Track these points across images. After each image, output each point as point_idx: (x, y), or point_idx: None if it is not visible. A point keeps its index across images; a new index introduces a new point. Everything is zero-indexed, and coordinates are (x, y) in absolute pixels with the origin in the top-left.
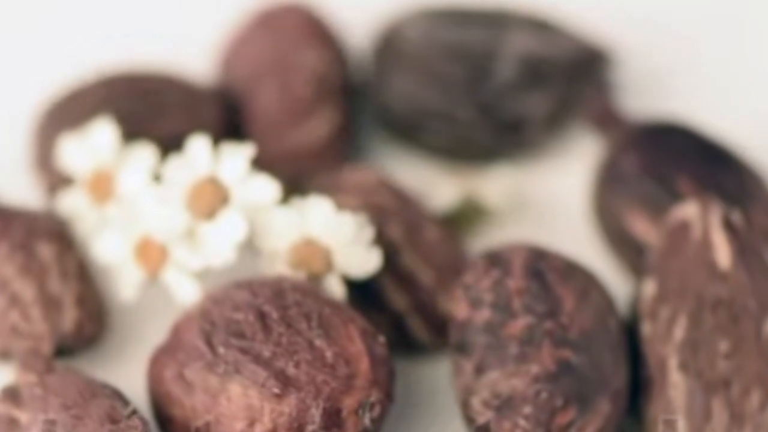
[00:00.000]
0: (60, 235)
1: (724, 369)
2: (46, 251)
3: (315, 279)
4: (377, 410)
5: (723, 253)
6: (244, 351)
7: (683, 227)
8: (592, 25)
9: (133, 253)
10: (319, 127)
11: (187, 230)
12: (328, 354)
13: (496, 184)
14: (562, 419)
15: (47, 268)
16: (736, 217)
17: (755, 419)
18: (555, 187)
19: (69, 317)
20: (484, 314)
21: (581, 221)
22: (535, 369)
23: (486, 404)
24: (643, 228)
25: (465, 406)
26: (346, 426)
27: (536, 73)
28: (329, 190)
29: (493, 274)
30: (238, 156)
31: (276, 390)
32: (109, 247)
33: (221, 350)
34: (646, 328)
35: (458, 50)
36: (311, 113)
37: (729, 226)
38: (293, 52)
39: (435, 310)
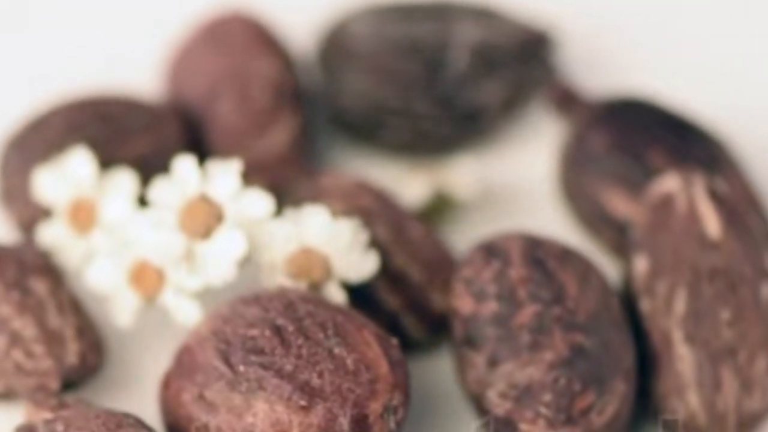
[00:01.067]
0: (49, 268)
1: (728, 337)
2: (40, 287)
3: (315, 287)
4: (400, 412)
5: (712, 222)
6: (265, 367)
7: (667, 201)
8: (531, 8)
9: (128, 279)
10: (280, 136)
11: (184, 252)
12: (349, 361)
13: (461, 176)
14: (582, 403)
15: (44, 303)
16: (720, 185)
17: (763, 384)
18: (520, 172)
19: (72, 350)
20: (490, 307)
21: (550, 205)
22: (549, 356)
23: (504, 396)
24: (621, 205)
25: (480, 400)
26: (374, 431)
27: (488, 61)
28: (311, 197)
29: (494, 266)
30: (227, 172)
31: (303, 402)
32: (101, 275)
33: (241, 368)
34: (645, 305)
35: (410, 45)
36: (272, 122)
37: (714, 196)
38: (246, 63)
39: (428, 308)
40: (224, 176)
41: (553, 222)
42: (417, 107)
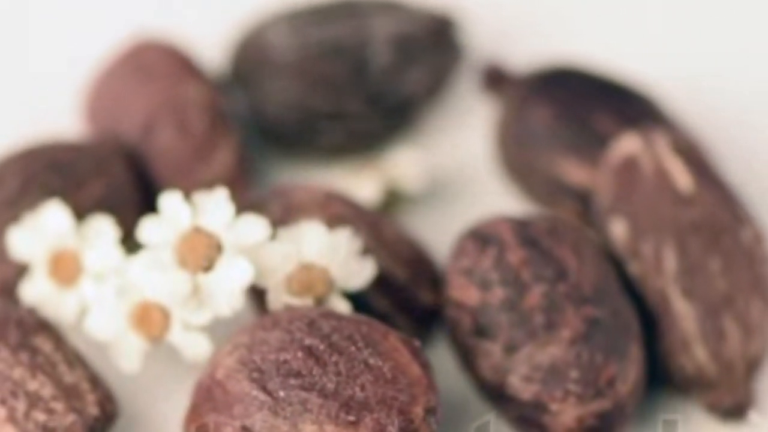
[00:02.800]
0: (48, 325)
1: (723, 286)
2: (45, 344)
3: (319, 302)
4: (438, 412)
5: (682, 177)
6: (306, 388)
7: (630, 162)
8: None
9: (130, 324)
10: (225, 157)
11: (191, 287)
12: (386, 369)
13: (406, 168)
14: (607, 374)
15: (53, 360)
16: (681, 139)
17: (761, 326)
18: (458, 157)
19: (90, 401)
20: (497, 294)
21: (495, 185)
22: (566, 333)
23: (528, 379)
24: (578, 174)
25: (500, 387)
26: None
27: (406, 51)
28: (284, 214)
29: (490, 253)
30: (218, 201)
31: (351, 418)
32: (101, 323)
33: (281, 393)
34: (634, 268)
35: (331, 47)
36: (214, 146)
37: (679, 150)
38: (177, 90)
39: (416, 305)
40: (216, 206)
41: (503, 201)
42: (348, 107)
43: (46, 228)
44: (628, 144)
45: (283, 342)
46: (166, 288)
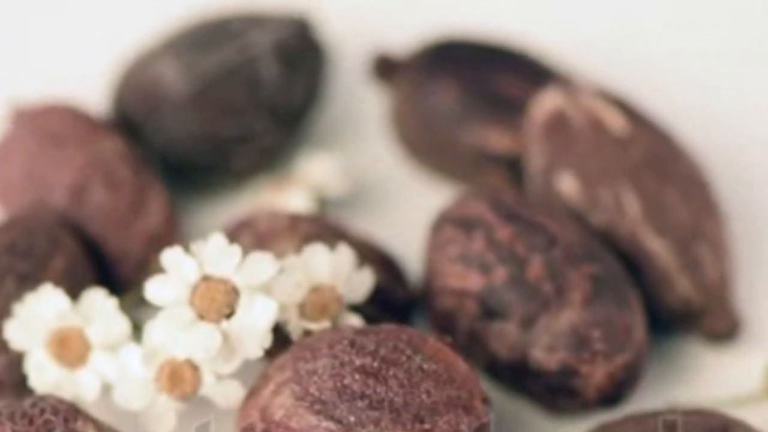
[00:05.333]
0: (79, 409)
1: (686, 215)
2: (88, 429)
3: (334, 322)
4: (490, 401)
5: (615, 120)
6: (375, 407)
7: (558, 117)
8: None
9: (162, 387)
10: (158, 204)
11: (220, 337)
12: (441, 371)
13: (321, 175)
14: (624, 326)
15: None
16: (593, 88)
17: (725, 245)
18: (364, 153)
19: None
20: (500, 273)
21: (408, 173)
22: (576, 295)
23: (551, 349)
24: (500, 141)
25: (521, 363)
26: (486, 428)
27: (288, 59)
28: (257, 243)
29: (478, 235)
30: (219, 247)
31: (426, 426)
32: (131, 393)
33: (352, 419)
34: (597, 218)
35: (224, 72)
36: (145, 195)
37: (604, 96)
38: (93, 148)
39: (394, 304)
40: (218, 251)
41: (423, 188)
42: (254, 127)
43: (43, 313)
44: (550, 100)
45: (333, 368)
46: (195, 344)
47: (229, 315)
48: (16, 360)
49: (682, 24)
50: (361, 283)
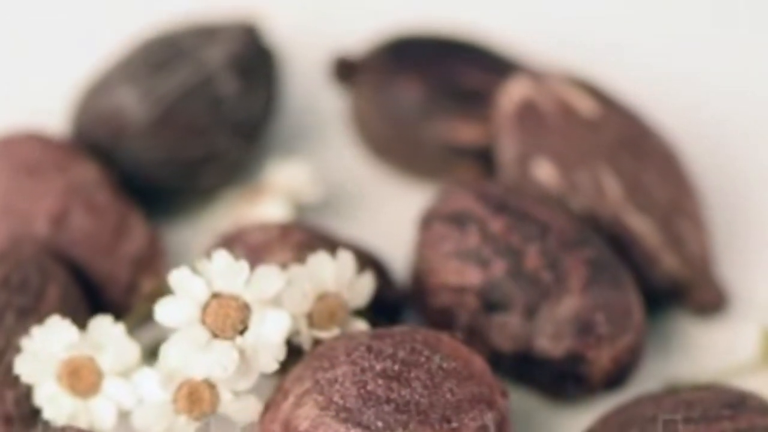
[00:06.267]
0: None
1: (665, 192)
2: None
3: (343, 328)
4: (507, 394)
5: (584, 103)
6: (402, 410)
7: (527, 105)
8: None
9: (181, 408)
10: (141, 228)
11: (237, 352)
12: (460, 368)
13: (292, 182)
14: (624, 308)
15: None
16: (559, 73)
17: (702, 220)
18: (331, 157)
19: None
20: (499, 266)
21: (379, 172)
22: (575, 281)
23: (557, 336)
24: (468, 133)
25: (526, 354)
26: (507, 421)
27: (243, 71)
28: (251, 256)
29: (472, 229)
30: (228, 264)
31: (454, 424)
32: (150, 417)
33: (380, 424)
34: (578, 202)
35: (183, 93)
36: (127, 219)
37: (573, 81)
38: (71, 175)
39: (386, 305)
40: (225, 268)
41: (390, 185)
42: (219, 145)
43: (52, 345)
44: (518, 89)
45: (355, 374)
46: (213, 363)
47: (243, 331)
48: (25, 394)
49: (629, 9)
50: (362, 287)
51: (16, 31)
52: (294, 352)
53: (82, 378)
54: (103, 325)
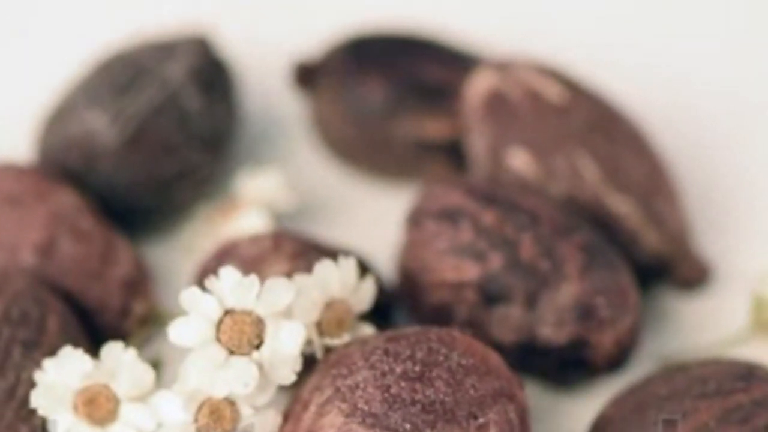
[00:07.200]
0: None
1: (641, 171)
2: None
3: (352, 332)
4: (523, 385)
5: (551, 90)
6: (428, 410)
7: (495, 96)
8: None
9: (205, 429)
10: (127, 251)
11: (257, 368)
12: (477, 364)
13: (273, 189)
14: (621, 290)
15: None
16: (523, 60)
17: (677, 196)
18: (297, 163)
19: None
20: (496, 259)
21: (347, 175)
22: (572, 267)
23: (560, 324)
24: (436, 128)
25: (529, 344)
26: (528, 412)
27: (204, 84)
28: (247, 269)
29: (465, 224)
30: (237, 280)
31: (481, 420)
32: None
33: (408, 426)
34: (557, 188)
35: (152, 112)
36: (113, 243)
37: (537, 68)
38: (54, 203)
39: (379, 305)
40: (236, 283)
41: (359, 187)
42: (190, 161)
43: (67, 376)
44: (483, 80)
45: (376, 379)
46: (233, 381)
47: (258, 345)
48: (39, 427)
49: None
50: (365, 291)
51: None
52: (304, 362)
53: (98, 406)
54: (115, 351)
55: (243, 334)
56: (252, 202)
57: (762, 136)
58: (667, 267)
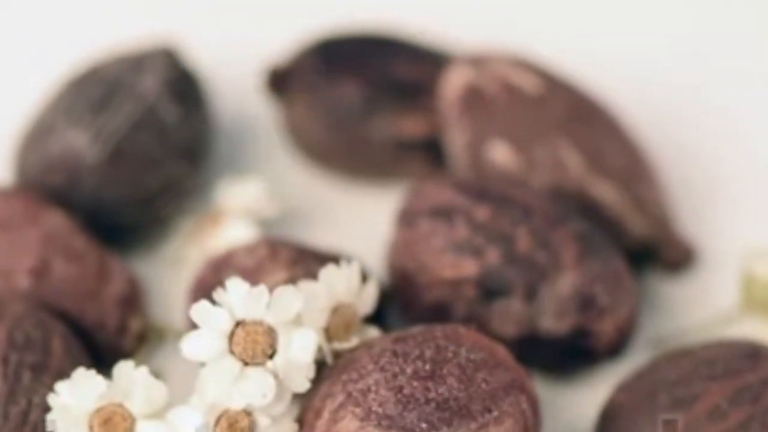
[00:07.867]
0: None
1: (623, 158)
2: None
3: (359, 336)
4: (532, 376)
5: (527, 81)
6: (443, 408)
7: (471, 90)
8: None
9: None
10: (119, 269)
11: (272, 378)
12: (486, 358)
13: (256, 198)
14: (617, 275)
15: None
16: (497, 54)
17: (655, 180)
18: (275, 169)
19: None
20: (493, 254)
21: (324, 179)
22: (569, 257)
23: (561, 314)
24: (414, 126)
25: (530, 336)
26: (537, 403)
27: (180, 95)
28: (250, 280)
29: (459, 221)
30: (246, 291)
31: (495, 414)
32: None
33: (424, 425)
34: (540, 179)
35: (132, 128)
36: (106, 262)
37: (511, 60)
38: (43, 225)
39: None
40: (245, 294)
41: (337, 190)
42: (173, 173)
43: (82, 398)
44: (459, 75)
45: (387, 381)
46: (251, 392)
47: (271, 355)
48: None
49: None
50: (368, 294)
51: None
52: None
53: (115, 426)
54: (127, 370)
55: (257, 344)
56: (235, 211)
57: (739, 117)
58: (652, 251)
